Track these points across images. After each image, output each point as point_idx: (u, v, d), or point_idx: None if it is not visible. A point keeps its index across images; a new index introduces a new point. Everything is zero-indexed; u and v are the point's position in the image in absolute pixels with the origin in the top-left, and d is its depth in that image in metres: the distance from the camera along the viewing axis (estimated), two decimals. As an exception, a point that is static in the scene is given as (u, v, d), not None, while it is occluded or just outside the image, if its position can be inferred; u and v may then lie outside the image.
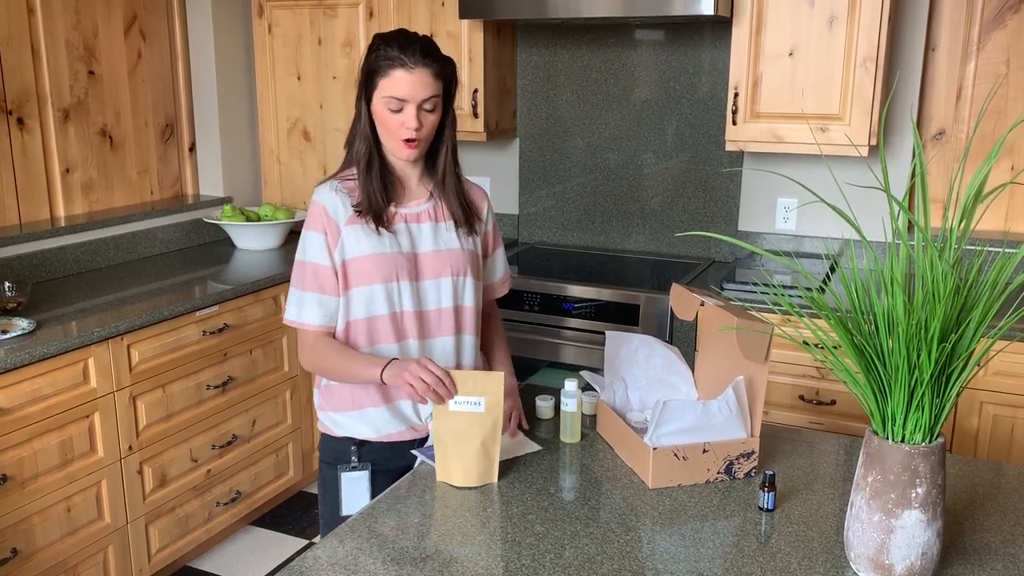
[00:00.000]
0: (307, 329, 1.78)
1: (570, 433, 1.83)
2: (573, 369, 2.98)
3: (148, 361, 2.69)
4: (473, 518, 1.52)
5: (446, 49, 3.28)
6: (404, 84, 1.69)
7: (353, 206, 1.76)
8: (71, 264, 3.14)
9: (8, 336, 2.38)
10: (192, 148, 3.79)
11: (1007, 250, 1.27)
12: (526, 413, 1.95)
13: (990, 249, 1.31)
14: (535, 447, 1.78)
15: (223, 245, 3.64)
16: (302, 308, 1.77)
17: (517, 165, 3.65)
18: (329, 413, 1.85)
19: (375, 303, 1.76)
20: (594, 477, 1.69)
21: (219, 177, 3.79)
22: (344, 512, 1.83)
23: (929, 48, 3.02)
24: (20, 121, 3.05)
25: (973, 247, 2.61)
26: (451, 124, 1.81)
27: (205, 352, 2.89)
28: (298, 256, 1.78)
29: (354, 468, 1.82)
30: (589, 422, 1.91)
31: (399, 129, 1.72)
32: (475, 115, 3.30)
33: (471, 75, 3.28)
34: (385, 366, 1.67)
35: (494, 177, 3.70)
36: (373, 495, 1.82)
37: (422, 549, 1.42)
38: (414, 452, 1.81)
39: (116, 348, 2.57)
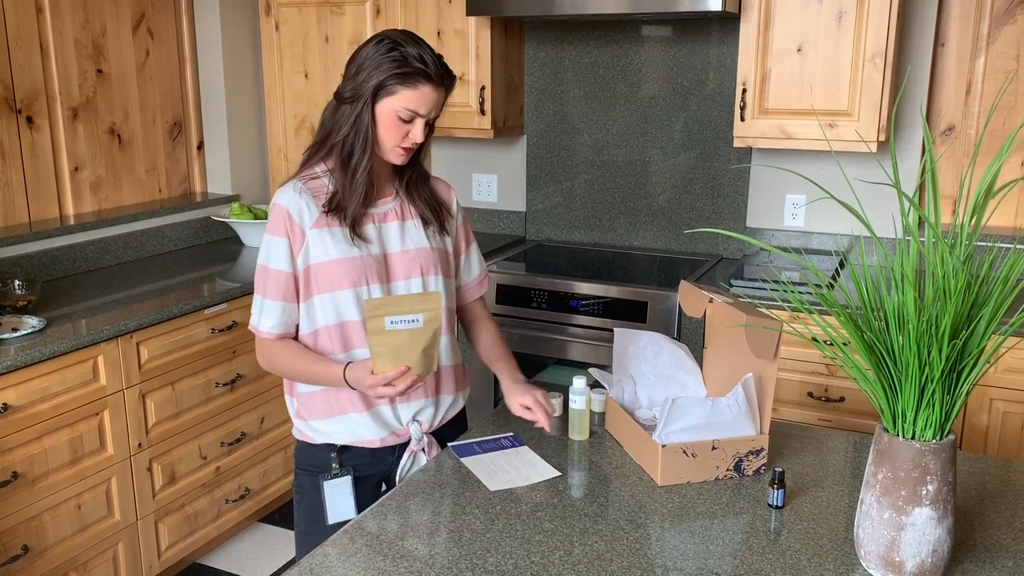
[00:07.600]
0: (267, 337, 1.76)
1: (579, 430, 1.82)
2: (581, 366, 2.98)
3: (157, 359, 2.70)
4: (482, 515, 1.52)
5: (453, 46, 3.32)
6: (428, 100, 1.67)
7: (322, 207, 1.71)
8: (80, 262, 3.15)
9: (18, 334, 2.39)
10: (200, 146, 3.79)
11: (1018, 246, 1.26)
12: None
13: (1001, 245, 1.30)
14: (554, 472, 1.69)
15: (231, 243, 3.65)
16: (264, 315, 1.74)
17: (524, 162, 3.65)
18: (307, 421, 1.81)
19: (346, 309, 1.73)
20: (603, 474, 1.69)
21: (227, 175, 3.80)
22: (330, 521, 1.78)
23: (938, 43, 3.01)
24: (29, 120, 3.06)
25: (984, 243, 2.61)
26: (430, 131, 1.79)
27: (214, 350, 2.90)
28: (260, 260, 1.74)
29: (336, 475, 1.78)
30: (598, 419, 1.91)
31: (403, 139, 1.70)
32: (482, 112, 3.29)
33: (478, 72, 3.28)
34: (344, 369, 1.67)
35: (501, 174, 3.70)
36: (355, 500, 1.80)
37: (431, 547, 1.43)
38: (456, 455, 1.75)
39: (125, 346, 2.58)
